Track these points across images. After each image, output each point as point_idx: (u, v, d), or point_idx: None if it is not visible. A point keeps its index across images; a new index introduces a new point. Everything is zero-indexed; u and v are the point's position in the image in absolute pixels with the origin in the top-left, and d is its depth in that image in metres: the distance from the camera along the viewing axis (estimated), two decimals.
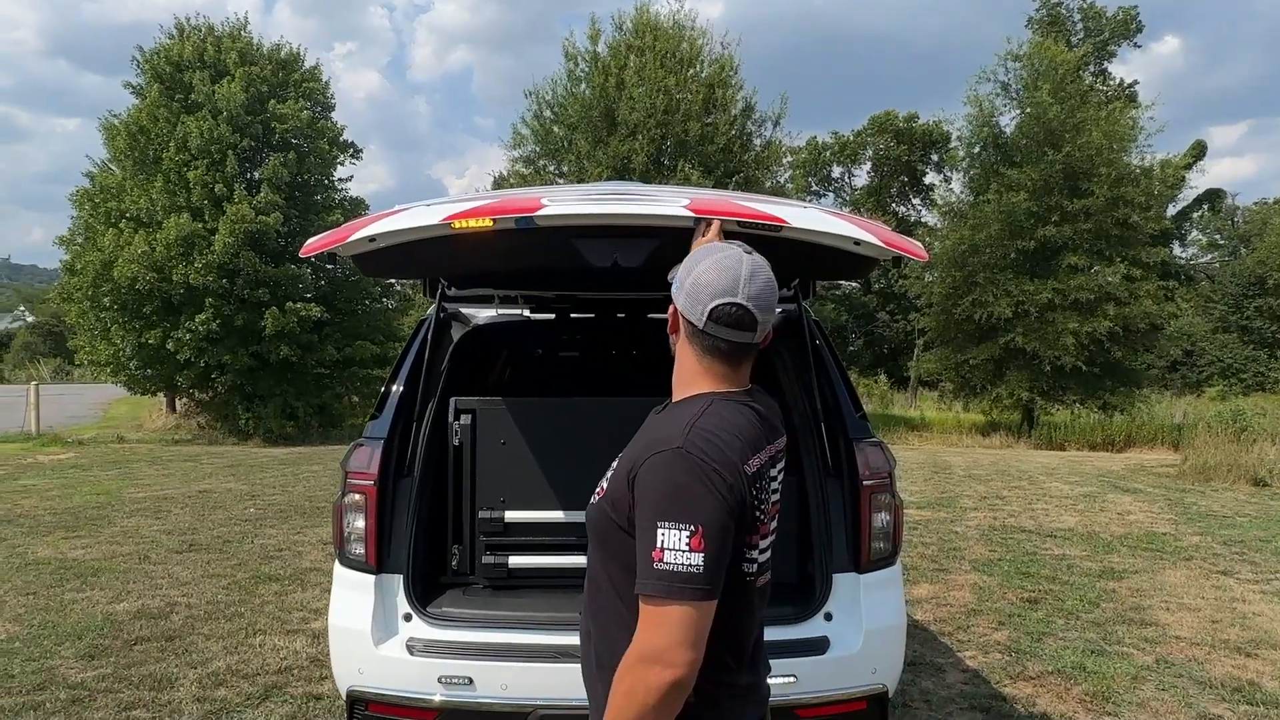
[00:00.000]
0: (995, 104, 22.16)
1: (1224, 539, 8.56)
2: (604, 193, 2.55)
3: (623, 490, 1.54)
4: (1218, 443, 13.80)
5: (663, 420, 1.62)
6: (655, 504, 1.47)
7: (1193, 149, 31.61)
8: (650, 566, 1.43)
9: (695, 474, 1.46)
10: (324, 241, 2.36)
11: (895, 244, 2.28)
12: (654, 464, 1.49)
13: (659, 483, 1.48)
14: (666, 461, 1.48)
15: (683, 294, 1.61)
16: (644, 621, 1.45)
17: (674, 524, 1.44)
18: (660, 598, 1.42)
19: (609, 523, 1.59)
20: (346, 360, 19.88)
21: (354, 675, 2.89)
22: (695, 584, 1.42)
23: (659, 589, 1.42)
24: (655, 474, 1.48)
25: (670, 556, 1.42)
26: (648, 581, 1.44)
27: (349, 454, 3.11)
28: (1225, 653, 5.19)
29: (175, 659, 4.89)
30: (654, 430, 1.59)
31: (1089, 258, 20.33)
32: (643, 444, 1.57)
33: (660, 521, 1.44)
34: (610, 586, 1.62)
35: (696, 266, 1.61)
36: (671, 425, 1.56)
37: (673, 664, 1.40)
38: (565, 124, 21.75)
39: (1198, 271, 37.90)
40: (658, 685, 1.40)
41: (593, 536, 1.68)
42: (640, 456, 1.53)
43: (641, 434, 1.65)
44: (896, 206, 39.08)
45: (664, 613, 1.42)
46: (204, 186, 18.33)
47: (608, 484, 1.63)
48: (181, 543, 7.87)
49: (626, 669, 1.45)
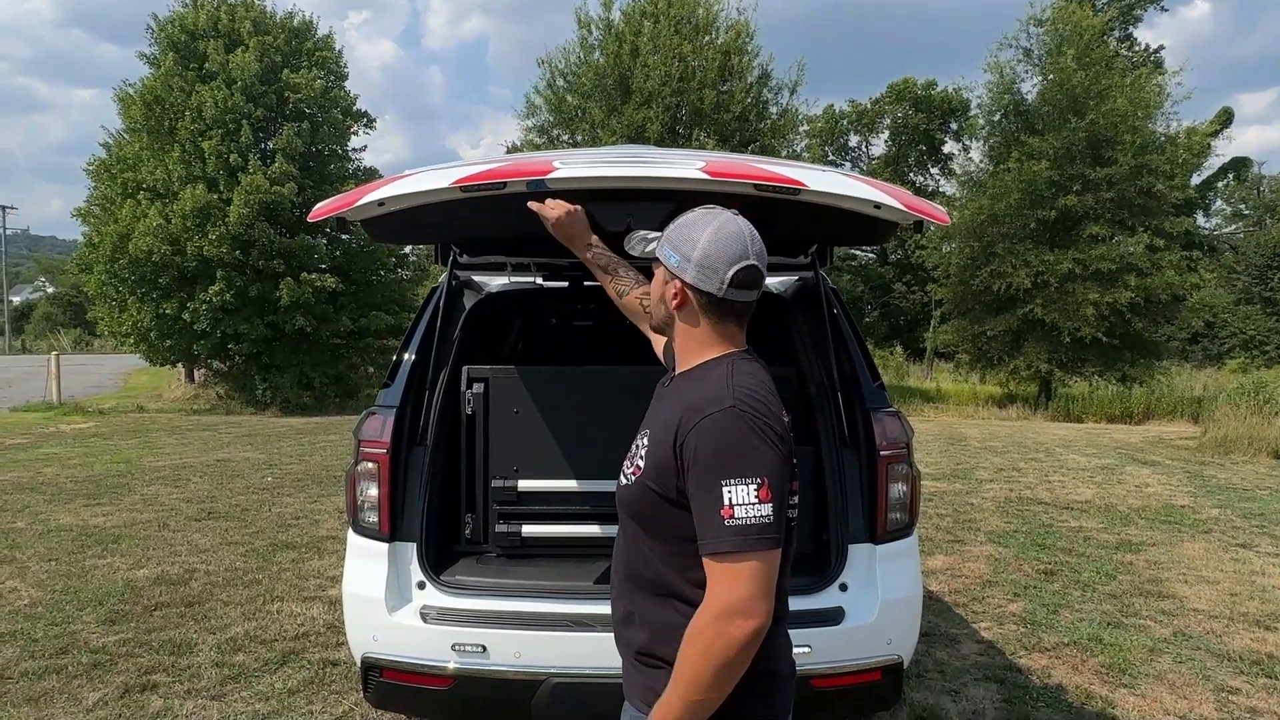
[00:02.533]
0: (1017, 70, 21.76)
1: (1244, 512, 8.48)
2: (617, 155, 2.50)
3: (668, 461, 1.55)
4: (1239, 415, 13.63)
5: (691, 387, 1.62)
6: (716, 464, 1.49)
7: (1219, 116, 30.98)
8: (721, 524, 1.46)
9: (753, 429, 1.50)
10: (333, 206, 2.32)
11: (917, 208, 2.22)
12: (708, 426, 1.51)
13: (717, 443, 1.50)
14: (720, 422, 1.50)
15: (692, 267, 1.62)
16: (720, 578, 1.47)
17: (740, 479, 1.47)
18: (737, 553, 1.45)
19: (652, 498, 1.60)
20: (361, 331, 19.96)
21: (368, 642, 2.90)
22: (768, 534, 1.46)
23: (735, 544, 1.45)
24: (711, 435, 1.50)
25: (741, 511, 1.46)
26: (722, 539, 1.46)
27: (361, 422, 3.10)
28: (1244, 626, 5.14)
29: (194, 624, 4.95)
30: (687, 396, 1.59)
31: (1111, 227, 20.01)
32: (681, 411, 1.57)
33: (725, 480, 1.47)
34: (652, 564, 1.64)
35: (698, 238, 1.62)
36: (707, 388, 1.57)
37: (754, 614, 1.45)
38: (579, 92, 21.53)
39: (1221, 242, 37.31)
40: (740, 637, 1.44)
41: (630, 517, 1.69)
42: (688, 422, 1.53)
43: (666, 405, 1.67)
44: (914, 176, 38.59)
45: (741, 567, 1.45)
46: (219, 157, 18.33)
47: (644, 461, 1.63)
48: (200, 511, 7.96)
49: (703, 627, 1.47)
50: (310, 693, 4.07)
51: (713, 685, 1.48)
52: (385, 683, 2.88)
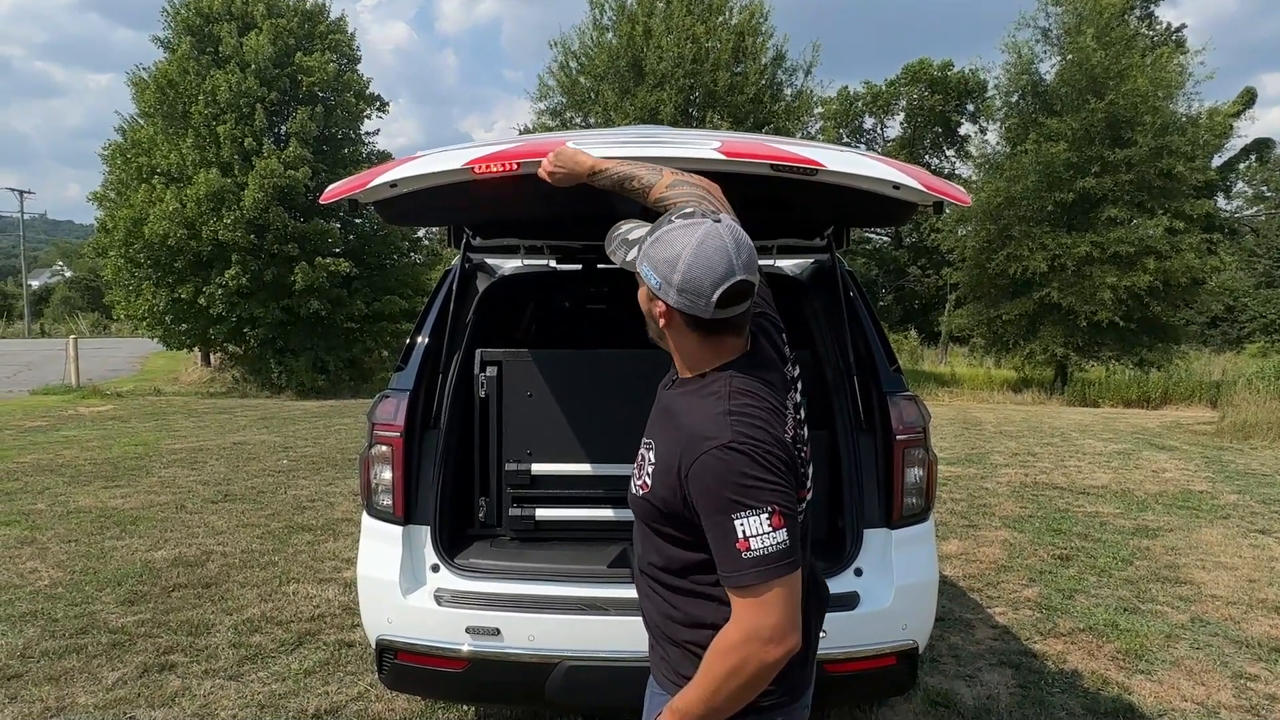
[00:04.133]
0: (1035, 50, 21.49)
1: (1263, 497, 8.39)
2: (631, 136, 2.47)
3: (673, 482, 1.54)
4: (1258, 400, 13.48)
5: (690, 406, 1.57)
6: (722, 500, 1.46)
7: (1242, 96, 30.47)
8: (739, 559, 1.44)
9: (753, 462, 1.46)
10: (345, 188, 2.31)
11: (937, 188, 2.18)
12: (707, 463, 1.47)
13: (719, 480, 1.46)
14: (721, 458, 1.46)
15: (674, 291, 1.51)
16: (745, 608, 1.46)
17: (749, 513, 1.44)
18: (760, 584, 1.44)
19: (658, 514, 1.61)
20: (376, 315, 20.03)
21: (383, 625, 2.91)
22: (787, 559, 1.45)
23: (756, 576, 1.44)
24: (712, 472, 1.47)
25: (757, 543, 1.44)
26: (743, 573, 1.45)
27: (375, 405, 3.10)
28: (1263, 612, 5.09)
29: (212, 605, 4.99)
30: (687, 419, 1.55)
31: (1130, 210, 19.77)
32: (682, 437, 1.54)
33: (734, 515, 1.45)
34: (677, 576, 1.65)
35: (676, 258, 1.50)
36: (703, 415, 1.53)
37: (784, 640, 1.46)
38: (591, 75, 21.43)
39: (1242, 224, 36.78)
40: (770, 662, 1.46)
41: (639, 522, 1.71)
42: (689, 455, 1.50)
43: (669, 419, 1.62)
44: (930, 158, 38.23)
45: (766, 597, 1.44)
46: (233, 141, 18.36)
47: (651, 480, 1.61)
48: (217, 493, 8.02)
49: (731, 648, 1.47)
50: (326, 674, 4.10)
51: (735, 699, 1.50)
52: (400, 665, 2.90)
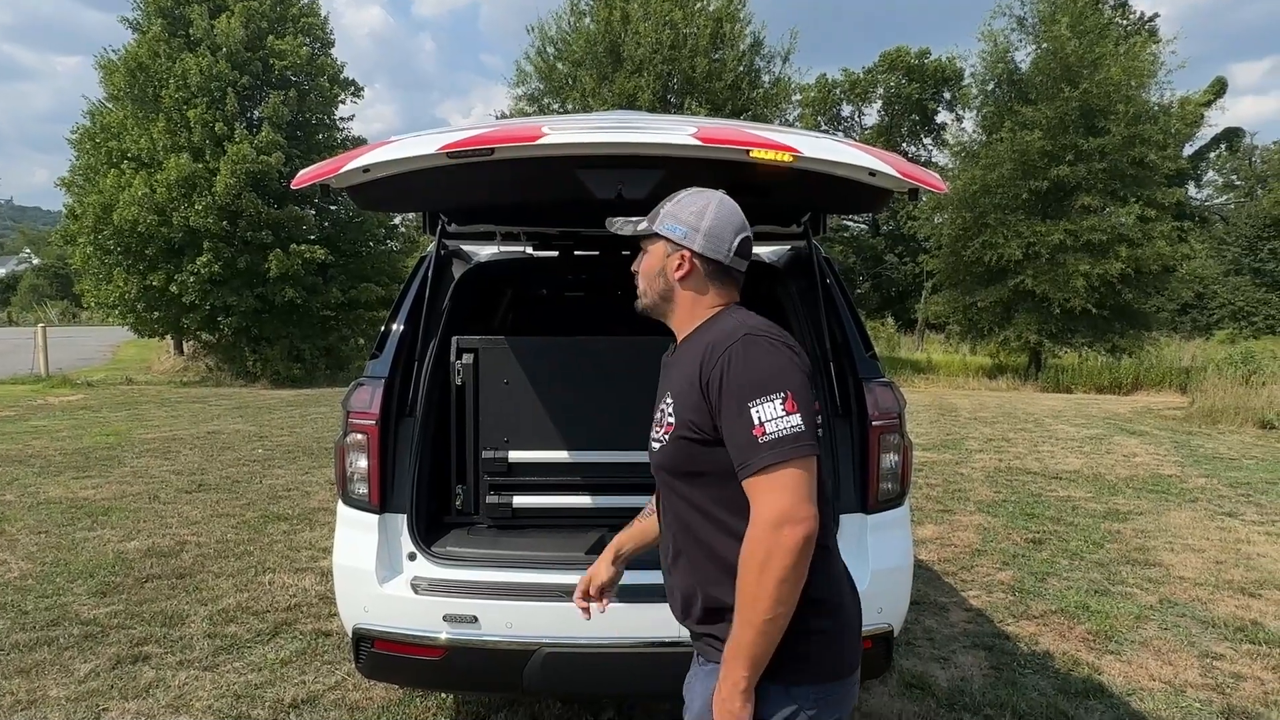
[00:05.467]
0: (1010, 39, 21.57)
1: (1230, 481, 8.56)
2: (608, 121, 2.45)
3: (699, 405, 1.61)
4: (1226, 386, 13.73)
5: (700, 337, 1.69)
6: (739, 389, 1.55)
7: (1213, 86, 30.86)
8: (755, 444, 1.52)
9: (768, 348, 1.59)
10: (317, 172, 2.27)
11: (912, 175, 2.19)
12: (726, 357, 1.58)
13: (736, 370, 1.57)
14: (737, 350, 1.58)
15: (700, 237, 1.72)
16: (761, 492, 1.53)
17: (764, 397, 1.54)
18: (775, 465, 1.51)
19: (689, 448, 1.65)
20: (352, 302, 19.85)
21: (359, 613, 2.90)
22: (802, 441, 1.53)
23: (772, 457, 1.51)
24: (731, 364, 1.57)
25: (772, 426, 1.52)
26: (760, 456, 1.52)
27: (349, 393, 3.07)
28: (1229, 593, 5.20)
29: (186, 596, 4.94)
30: (703, 342, 1.66)
31: (1103, 198, 19.98)
32: (700, 354, 1.63)
33: (751, 401, 1.54)
34: (703, 524, 1.68)
35: (703, 210, 1.73)
36: (719, 330, 1.66)
37: (802, 519, 1.50)
38: (569, 60, 21.30)
39: (1212, 213, 37.34)
40: (791, 544, 1.49)
41: (673, 476, 1.72)
42: (708, 361, 1.60)
43: (679, 365, 1.72)
44: (907, 146, 38.40)
45: (780, 477, 1.51)
46: (204, 126, 18.06)
47: (674, 417, 1.68)
48: (191, 483, 7.94)
49: (755, 543, 1.52)
50: (303, 663, 4.08)
51: (777, 600, 1.51)
52: (377, 653, 2.88)
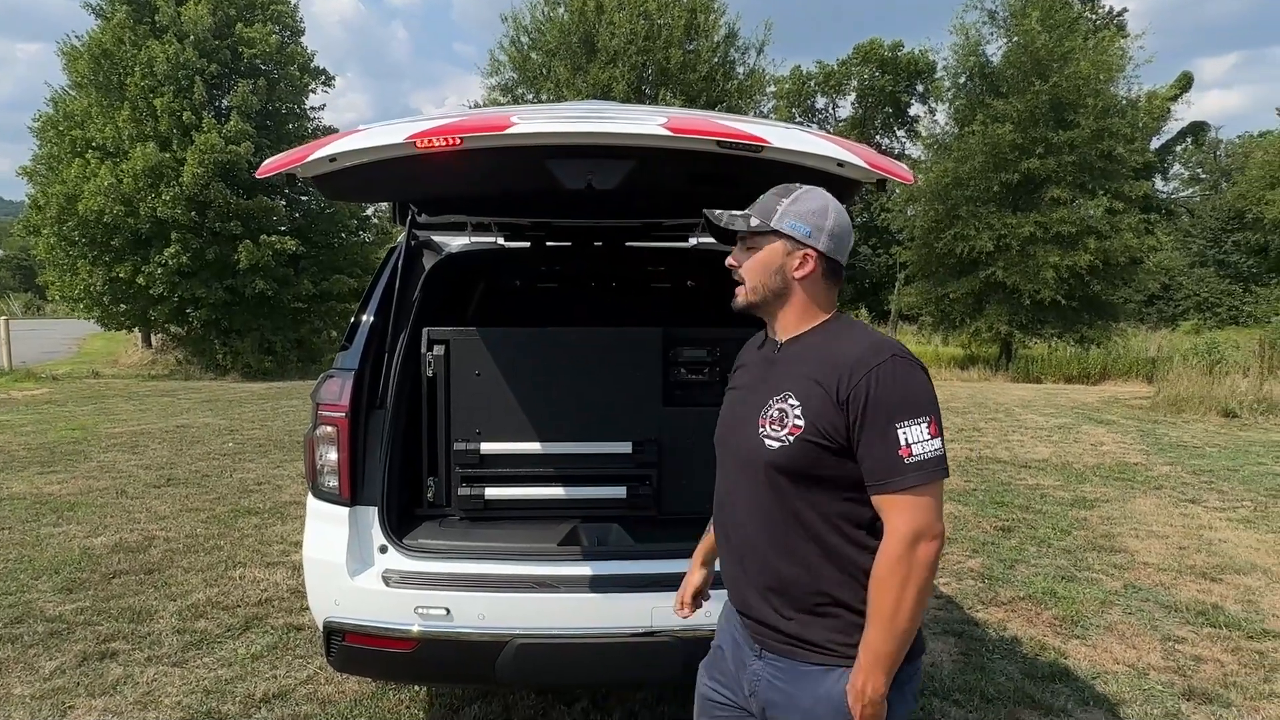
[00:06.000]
0: (982, 33, 21.76)
1: (1193, 469, 8.73)
2: (578, 111, 2.44)
3: (833, 415, 1.67)
4: (1190, 375, 13.98)
5: (830, 346, 1.74)
6: (888, 409, 1.63)
7: (1179, 81, 31.35)
8: (901, 464, 1.62)
9: (912, 371, 1.68)
10: (282, 161, 2.24)
11: (880, 166, 2.20)
12: (877, 376, 1.65)
13: (887, 390, 1.64)
14: (889, 370, 1.65)
15: (825, 237, 1.77)
16: (900, 510, 1.63)
17: (911, 420, 1.63)
18: (920, 485, 1.62)
19: (815, 453, 1.69)
20: (324, 294, 19.63)
21: (330, 607, 2.88)
22: (941, 465, 1.65)
23: (917, 479, 1.62)
24: (881, 384, 1.64)
25: (918, 448, 1.62)
26: (906, 477, 1.62)
27: (319, 386, 3.04)
28: (1191, 578, 5.31)
29: (154, 592, 4.88)
30: (839, 351, 1.72)
31: (1072, 190, 20.24)
32: (839, 365, 1.68)
33: (898, 423, 1.63)
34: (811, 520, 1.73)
35: (824, 210, 1.78)
36: (857, 344, 1.72)
37: (935, 535, 1.63)
38: (543, 50, 21.18)
39: (1178, 205, 37.93)
40: (927, 559, 1.62)
41: (786, 476, 1.73)
42: (854, 376, 1.66)
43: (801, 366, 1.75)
44: (881, 138, 38.63)
45: (922, 498, 1.62)
46: (171, 114, 17.74)
47: (802, 420, 1.70)
48: (159, 477, 7.83)
49: (895, 559, 1.62)
50: (274, 658, 4.05)
51: (915, 611, 1.63)
52: (348, 647, 2.87)
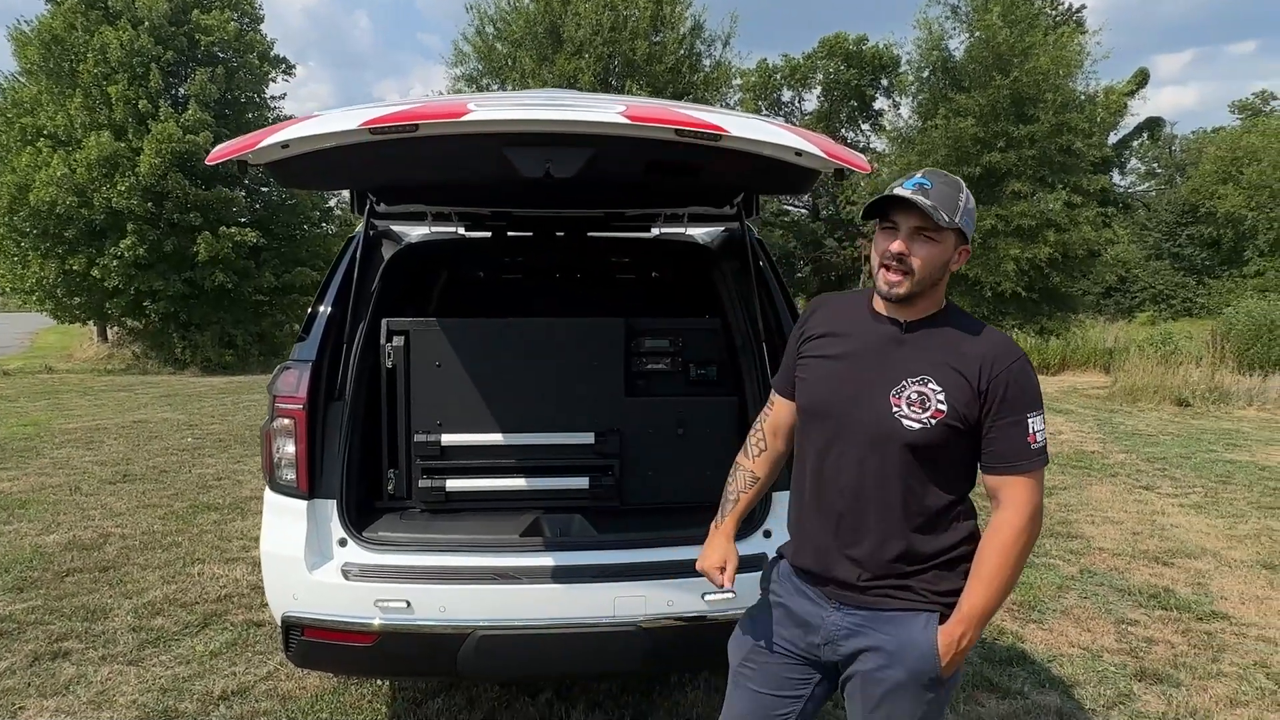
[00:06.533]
0: (945, 27, 21.97)
1: (1148, 456, 8.93)
2: (536, 99, 2.42)
3: (972, 399, 1.85)
4: (1146, 365, 14.30)
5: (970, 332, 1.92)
6: (1024, 401, 1.87)
7: (1135, 77, 31.86)
8: (1028, 449, 1.86)
9: (1033, 370, 1.91)
10: (233, 148, 2.19)
11: (838, 155, 2.21)
12: (1016, 371, 1.86)
13: (1023, 385, 1.87)
14: (1023, 367, 1.88)
15: (963, 216, 1.86)
16: (1023, 489, 1.87)
17: (1036, 413, 1.88)
18: (1038, 469, 1.88)
19: (952, 434, 1.87)
20: (286, 287, 19.37)
21: (288, 601, 2.84)
22: (1047, 453, 1.91)
23: (1039, 463, 1.87)
24: (1019, 379, 1.86)
25: (1040, 437, 1.87)
26: (1033, 460, 1.86)
27: (275, 378, 3.00)
28: (1144, 562, 5.44)
29: (109, 589, 4.78)
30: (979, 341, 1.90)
31: (1032, 184, 20.54)
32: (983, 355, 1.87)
33: (1029, 414, 1.87)
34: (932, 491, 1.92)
35: (958, 193, 1.87)
36: (992, 336, 1.93)
37: (1043, 512, 1.92)
38: (508, 40, 21.00)
39: (1135, 199, 38.68)
40: (1038, 530, 1.91)
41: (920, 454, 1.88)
42: (996, 367, 1.85)
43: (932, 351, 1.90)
44: (846, 132, 38.84)
45: (1038, 480, 1.88)
46: (126, 103, 17.36)
47: (944, 405, 1.86)
48: (115, 473, 7.67)
49: (1019, 530, 1.86)
50: (233, 654, 3.99)
51: (1017, 575, 1.91)
52: (307, 641, 2.83)
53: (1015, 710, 3.49)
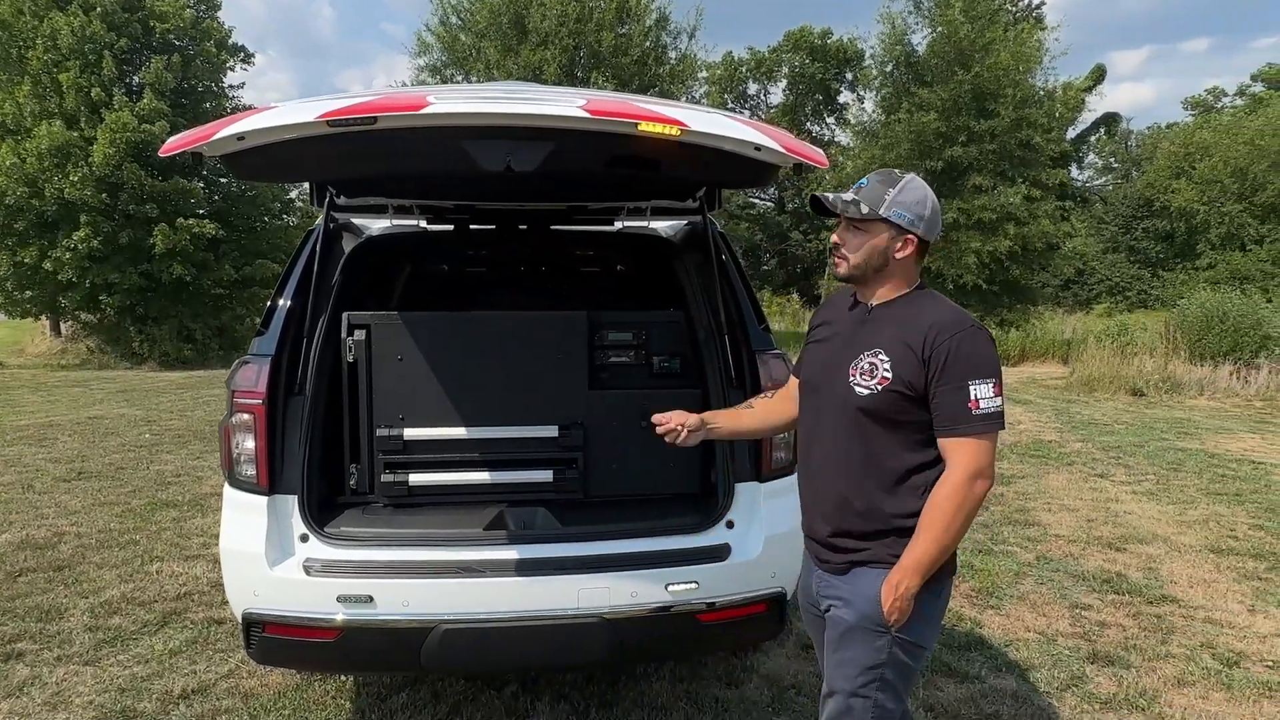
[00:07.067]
0: (907, 22, 22.21)
1: (1103, 445, 9.15)
2: (497, 91, 2.42)
3: (917, 369, 2.00)
4: (1102, 356, 14.62)
5: (922, 311, 2.07)
6: (963, 369, 1.98)
7: (1093, 73, 32.43)
8: (970, 414, 1.97)
9: (985, 340, 2.03)
10: (187, 140, 2.16)
11: (796, 150, 2.24)
12: (957, 340, 1.98)
13: (965, 353, 1.98)
14: (968, 337, 1.99)
15: (923, 224, 2.07)
16: (965, 452, 1.99)
17: (981, 380, 1.98)
18: (980, 434, 1.98)
19: (899, 401, 2.03)
20: (246, 280, 19.05)
21: (249, 598, 2.82)
22: (999, 419, 2.00)
23: (980, 428, 1.98)
24: (960, 347, 1.98)
25: (984, 404, 1.98)
26: (972, 424, 1.97)
27: (234, 372, 2.96)
28: (1098, 548, 5.58)
29: (64, 589, 4.69)
30: (926, 317, 2.04)
31: (992, 178, 20.87)
32: (924, 329, 2.01)
33: (971, 381, 1.97)
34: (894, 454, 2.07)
35: (924, 200, 2.07)
36: (941, 312, 2.05)
37: (989, 476, 2.01)
38: (473, 31, 20.80)
39: (1092, 193, 39.42)
40: (980, 493, 2.00)
41: (874, 419, 2.07)
42: (937, 338, 1.99)
43: (898, 325, 2.06)
44: (811, 125, 39.06)
45: (982, 443, 1.98)
46: (78, 91, 16.93)
47: (890, 374, 2.03)
48: (70, 471, 7.50)
49: (955, 488, 1.98)
50: (194, 653, 3.94)
51: (958, 533, 2.01)
52: (269, 638, 2.81)
53: (973, 694, 3.57)
